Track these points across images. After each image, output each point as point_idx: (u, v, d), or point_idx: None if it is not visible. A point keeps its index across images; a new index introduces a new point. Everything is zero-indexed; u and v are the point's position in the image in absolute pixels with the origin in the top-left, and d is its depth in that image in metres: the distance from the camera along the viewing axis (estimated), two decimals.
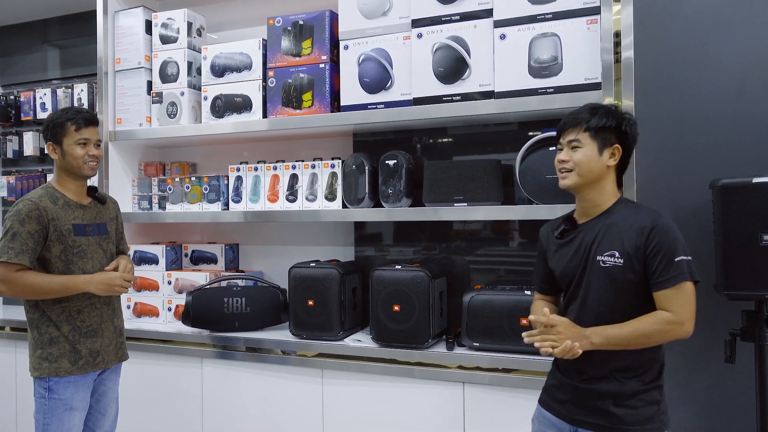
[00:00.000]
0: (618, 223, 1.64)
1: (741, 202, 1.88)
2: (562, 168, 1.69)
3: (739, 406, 2.20)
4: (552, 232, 1.79)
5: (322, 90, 2.50)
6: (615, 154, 1.68)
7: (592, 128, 1.65)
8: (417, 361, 2.24)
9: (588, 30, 2.09)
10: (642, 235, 1.59)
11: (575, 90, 2.08)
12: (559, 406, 1.72)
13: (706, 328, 2.24)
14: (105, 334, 2.19)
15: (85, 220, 2.18)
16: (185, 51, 2.80)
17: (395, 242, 2.71)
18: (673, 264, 1.55)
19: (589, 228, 1.69)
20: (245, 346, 2.53)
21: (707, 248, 2.09)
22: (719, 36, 2.26)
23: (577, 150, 1.66)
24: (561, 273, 1.74)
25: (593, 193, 1.69)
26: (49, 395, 2.08)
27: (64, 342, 2.10)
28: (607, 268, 1.62)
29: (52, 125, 2.15)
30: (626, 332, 1.57)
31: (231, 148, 3.05)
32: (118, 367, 2.30)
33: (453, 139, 2.60)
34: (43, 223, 2.06)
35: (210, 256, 2.97)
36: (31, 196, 2.11)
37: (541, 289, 1.88)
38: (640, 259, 1.58)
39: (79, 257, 2.13)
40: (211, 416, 2.59)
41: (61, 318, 2.11)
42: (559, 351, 1.56)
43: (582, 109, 1.70)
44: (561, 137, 1.71)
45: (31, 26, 3.58)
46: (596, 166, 1.66)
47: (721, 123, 2.25)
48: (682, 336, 1.58)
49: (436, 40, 2.30)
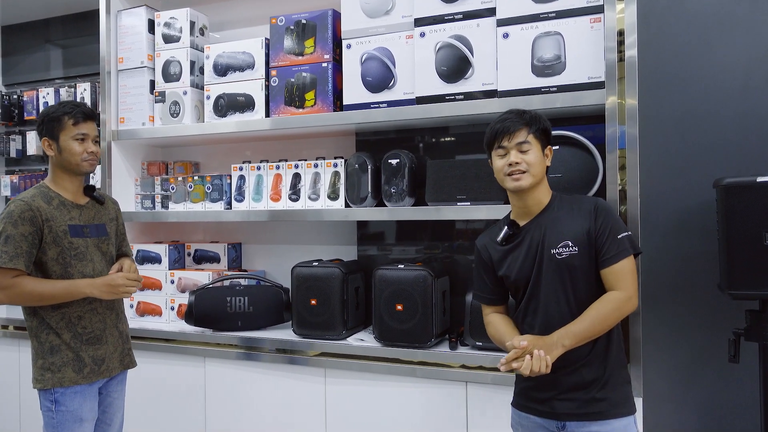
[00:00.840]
0: (561, 215, 1.71)
1: (745, 202, 1.87)
2: (514, 171, 1.70)
3: (743, 406, 2.20)
4: (492, 241, 1.81)
5: (325, 89, 2.50)
6: (548, 155, 1.76)
7: (536, 131, 1.71)
8: (420, 361, 2.24)
9: (591, 29, 2.08)
10: (590, 217, 1.67)
11: (578, 89, 2.08)
12: (541, 406, 1.72)
13: (710, 328, 2.24)
14: (109, 341, 2.11)
15: (82, 220, 2.08)
16: (188, 50, 2.80)
17: (398, 241, 2.71)
18: (617, 241, 1.64)
19: (534, 226, 1.73)
20: (248, 346, 2.53)
21: (711, 247, 2.09)
22: (723, 34, 2.25)
23: (527, 152, 1.70)
24: (516, 276, 1.74)
25: (537, 193, 1.73)
26: (56, 408, 1.99)
27: (66, 350, 2.01)
28: (564, 259, 1.67)
29: (48, 119, 2.05)
30: (588, 324, 1.62)
31: (234, 148, 3.05)
32: (124, 376, 2.22)
33: (456, 138, 2.60)
34: (37, 225, 1.96)
35: (213, 255, 2.97)
36: (23, 196, 2.01)
37: (490, 301, 1.87)
38: (591, 241, 1.66)
39: (77, 260, 2.03)
40: (213, 415, 2.60)
41: (61, 325, 2.01)
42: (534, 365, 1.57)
43: (511, 114, 1.74)
44: (505, 141, 1.71)
45: (34, 26, 3.58)
46: (542, 167, 1.72)
47: (725, 122, 2.24)
48: (631, 310, 1.66)
49: (439, 39, 2.29)
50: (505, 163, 1.72)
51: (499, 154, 1.74)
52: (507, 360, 1.62)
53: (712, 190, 2.01)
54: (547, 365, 1.57)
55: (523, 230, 1.75)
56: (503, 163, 1.72)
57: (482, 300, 1.90)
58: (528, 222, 1.75)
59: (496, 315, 1.86)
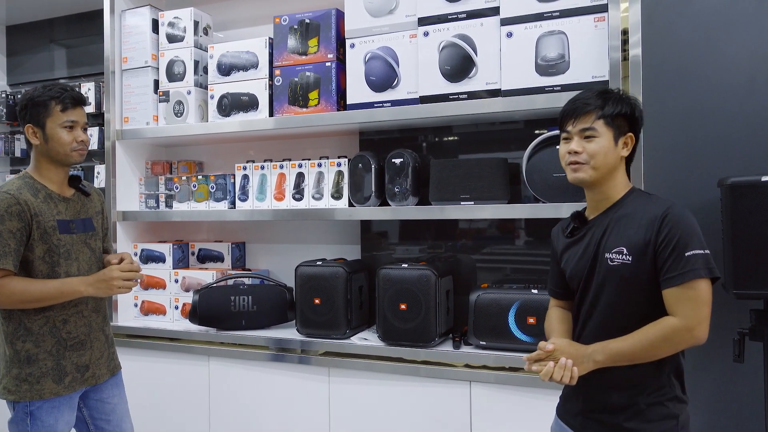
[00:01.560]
0: (628, 215, 1.50)
1: (750, 201, 1.86)
2: (574, 160, 1.52)
3: (747, 406, 2.19)
4: (561, 231, 1.67)
5: (329, 88, 2.50)
6: (628, 144, 1.55)
7: (608, 115, 1.50)
8: (423, 360, 2.24)
9: (595, 28, 2.08)
10: (652, 227, 1.43)
11: (582, 88, 2.05)
12: (571, 418, 1.60)
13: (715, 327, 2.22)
14: (95, 345, 1.97)
15: (68, 215, 1.92)
16: (192, 50, 2.81)
17: (401, 241, 2.71)
18: (683, 258, 1.39)
19: (598, 223, 1.56)
20: (252, 345, 2.53)
21: (715, 247, 2.08)
22: (728, 33, 2.24)
23: (592, 140, 1.50)
24: (571, 273, 1.61)
25: (605, 187, 1.54)
26: (31, 421, 1.82)
27: (46, 359, 1.85)
28: (615, 266, 1.47)
29: (32, 104, 1.86)
30: (630, 345, 1.43)
31: (237, 147, 3.06)
32: (118, 380, 2.09)
33: (459, 138, 2.60)
34: (25, 220, 1.79)
35: (217, 254, 2.98)
36: (9, 188, 1.82)
37: (554, 294, 1.74)
38: (650, 254, 1.43)
39: (64, 258, 1.87)
40: (217, 414, 2.60)
41: (44, 330, 1.85)
42: (556, 373, 1.43)
43: (589, 93, 1.55)
44: (568, 125, 1.54)
45: (38, 25, 3.59)
46: (612, 158, 1.51)
47: (730, 120, 2.24)
48: (692, 343, 1.43)
49: (443, 39, 2.29)
50: (566, 151, 1.54)
51: (563, 138, 1.57)
52: (528, 358, 1.50)
53: (716, 189, 2.00)
54: (572, 377, 1.42)
55: (588, 225, 1.58)
56: (565, 150, 1.55)
57: (549, 291, 1.76)
58: (595, 216, 1.58)
59: (556, 309, 1.72)
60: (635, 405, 1.47)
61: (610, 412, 1.50)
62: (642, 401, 1.47)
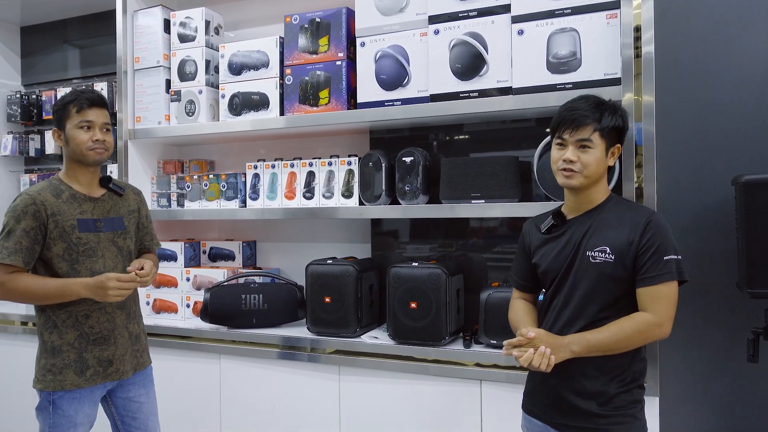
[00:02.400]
0: (610, 219, 1.61)
1: (764, 199, 1.84)
2: (567, 168, 1.60)
3: (762, 406, 2.17)
4: (536, 228, 1.75)
5: (339, 87, 2.51)
6: (615, 154, 1.66)
7: (605, 128, 1.59)
8: (434, 359, 2.23)
9: (607, 25, 2.06)
10: (636, 230, 1.56)
11: (594, 86, 2.06)
12: (540, 411, 1.68)
13: (729, 327, 2.21)
14: (118, 342, 2.01)
15: (95, 214, 1.98)
16: (203, 49, 2.82)
17: (412, 239, 2.71)
18: (662, 262, 1.53)
19: (579, 223, 1.66)
20: (263, 343, 2.54)
21: (729, 246, 2.06)
22: (741, 29, 2.22)
23: (587, 151, 1.59)
24: (547, 267, 1.69)
25: (590, 192, 1.65)
26: (53, 409, 1.92)
27: (69, 351, 1.93)
28: (597, 263, 1.58)
29: (56, 110, 1.98)
30: (606, 337, 1.54)
31: (248, 146, 3.07)
32: (146, 380, 2.14)
33: (470, 136, 2.59)
34: (40, 219, 1.87)
35: (228, 253, 2.99)
36: (30, 190, 1.93)
37: (519, 286, 1.84)
38: (632, 255, 1.55)
39: (86, 256, 1.93)
40: (228, 412, 2.61)
41: (67, 324, 1.93)
42: (535, 359, 1.52)
43: (585, 104, 1.61)
44: (565, 134, 1.61)
45: (51, 26, 3.63)
46: (602, 167, 1.62)
47: (744, 118, 2.21)
48: (660, 337, 1.56)
49: (453, 36, 2.29)
50: (560, 157, 1.62)
51: (557, 143, 1.64)
52: (509, 343, 1.58)
53: (730, 188, 1.98)
54: (548, 364, 1.52)
55: (567, 224, 1.68)
56: (558, 156, 1.63)
57: (514, 283, 1.87)
58: (575, 217, 1.68)
59: (521, 301, 1.83)
60: (606, 392, 1.58)
61: (583, 399, 1.59)
62: (612, 389, 1.58)
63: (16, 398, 3.17)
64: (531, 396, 1.73)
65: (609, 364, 1.58)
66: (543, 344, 1.54)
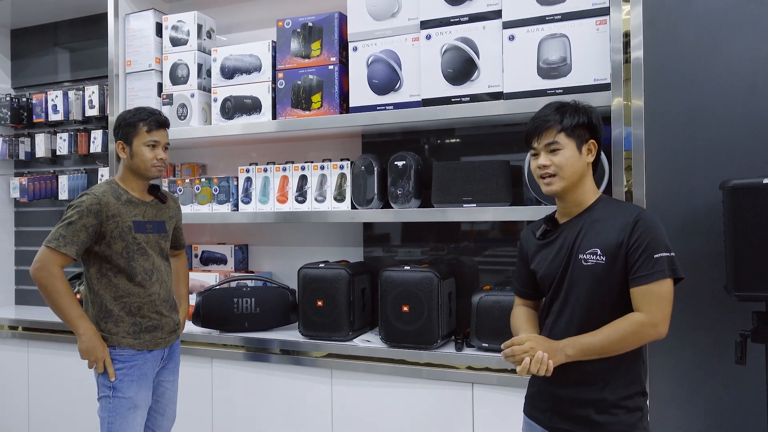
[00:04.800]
0: (600, 220, 1.61)
1: (751, 203, 1.87)
2: (544, 174, 1.63)
3: (749, 408, 2.19)
4: (532, 234, 1.76)
5: (331, 91, 2.52)
6: (591, 150, 1.66)
7: (568, 127, 1.61)
8: (426, 362, 2.24)
9: (597, 30, 2.09)
10: (625, 230, 1.55)
11: (584, 91, 2.08)
12: (541, 416, 1.67)
13: (717, 330, 2.24)
14: (165, 329, 2.19)
15: (146, 217, 2.18)
16: (195, 53, 2.82)
17: (404, 243, 2.72)
18: (652, 260, 1.51)
19: (571, 227, 1.66)
20: (255, 347, 2.54)
21: (717, 249, 2.08)
22: (730, 35, 2.25)
23: (557, 153, 1.61)
24: (543, 273, 1.69)
25: (576, 194, 1.65)
26: (113, 394, 2.07)
27: (125, 337, 2.10)
28: (589, 266, 1.58)
29: (124, 124, 2.16)
30: (599, 340, 1.53)
31: (240, 150, 3.07)
32: (176, 368, 2.30)
33: (461, 140, 2.60)
34: (100, 219, 2.05)
35: (220, 256, 2.99)
36: (96, 191, 2.11)
37: (520, 293, 1.84)
38: (622, 255, 1.54)
39: (140, 254, 2.12)
40: (220, 415, 2.61)
41: (122, 315, 2.10)
42: (532, 366, 1.53)
43: (547, 110, 1.66)
44: (534, 142, 1.65)
45: (42, 29, 3.61)
46: (579, 166, 1.62)
47: (732, 123, 2.24)
48: (655, 338, 1.54)
49: (445, 42, 2.30)
50: (536, 166, 1.66)
51: (532, 155, 1.68)
52: (504, 344, 1.60)
53: (718, 192, 2.00)
54: (548, 369, 1.53)
55: (560, 228, 1.68)
56: (534, 165, 1.66)
57: (515, 290, 1.86)
58: (567, 221, 1.68)
59: (522, 308, 1.82)
60: (603, 400, 1.56)
61: (581, 406, 1.58)
62: (610, 396, 1.56)
63: (6, 402, 3.14)
64: (532, 400, 1.73)
65: (605, 369, 1.56)
66: (538, 341, 1.56)
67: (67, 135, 3.39)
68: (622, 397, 1.56)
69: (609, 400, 1.56)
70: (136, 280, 2.11)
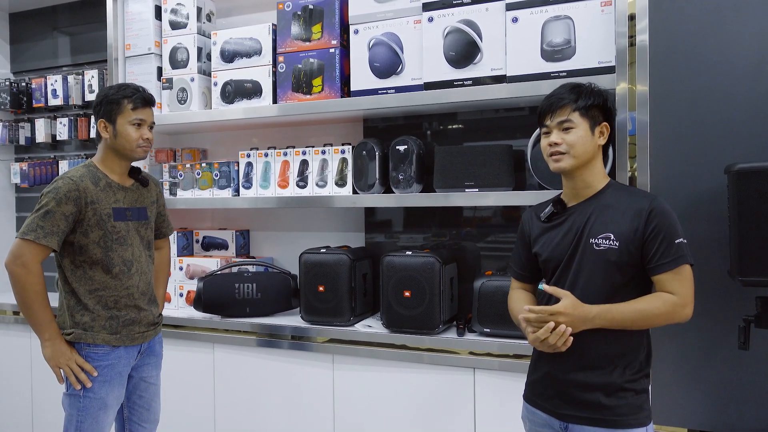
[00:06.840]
0: (612, 205, 1.61)
1: (757, 188, 1.84)
2: (554, 151, 1.63)
3: (753, 393, 2.19)
4: (536, 216, 1.75)
5: (332, 75, 2.49)
6: (604, 133, 1.66)
7: (582, 107, 1.62)
8: (427, 347, 2.24)
9: (602, 12, 2.06)
10: (640, 217, 1.56)
11: (588, 74, 2.05)
12: (545, 402, 1.66)
13: (720, 315, 2.23)
14: (143, 322, 2.10)
15: (125, 203, 2.05)
16: (195, 36, 2.79)
17: (405, 228, 2.70)
18: (674, 246, 1.54)
19: (580, 210, 1.65)
20: (256, 332, 2.54)
21: (722, 234, 2.07)
22: (736, 17, 2.21)
23: (569, 131, 1.61)
24: (548, 256, 1.68)
25: (585, 174, 1.65)
26: (84, 393, 1.98)
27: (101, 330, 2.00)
28: (602, 251, 1.57)
29: (107, 101, 2.01)
30: (631, 313, 1.53)
31: (241, 134, 3.05)
32: (158, 363, 2.22)
33: (464, 125, 2.58)
34: (79, 206, 1.92)
35: (221, 242, 2.98)
36: (72, 175, 1.96)
37: (519, 276, 1.83)
38: (637, 242, 1.55)
39: (118, 244, 2.00)
40: (223, 401, 2.62)
41: (98, 308, 1.99)
42: (552, 337, 1.51)
43: (563, 89, 1.66)
44: (547, 119, 1.65)
45: (41, 13, 3.58)
46: (590, 146, 1.62)
47: (738, 107, 2.21)
48: (683, 318, 1.57)
49: (447, 24, 2.27)
50: (547, 143, 1.66)
51: (544, 132, 1.68)
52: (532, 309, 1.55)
53: (723, 176, 1.98)
54: (565, 343, 1.52)
55: (567, 211, 1.68)
56: (545, 143, 1.66)
57: (512, 273, 1.86)
58: (576, 204, 1.67)
59: (521, 291, 1.82)
60: (612, 383, 1.57)
61: (589, 390, 1.58)
62: (618, 379, 1.57)
63: (9, 388, 3.16)
64: (534, 386, 1.71)
65: (615, 353, 1.58)
66: (569, 318, 1.52)
67: (67, 120, 3.37)
68: (630, 380, 1.57)
69: (617, 383, 1.56)
70: (113, 272, 1.99)
